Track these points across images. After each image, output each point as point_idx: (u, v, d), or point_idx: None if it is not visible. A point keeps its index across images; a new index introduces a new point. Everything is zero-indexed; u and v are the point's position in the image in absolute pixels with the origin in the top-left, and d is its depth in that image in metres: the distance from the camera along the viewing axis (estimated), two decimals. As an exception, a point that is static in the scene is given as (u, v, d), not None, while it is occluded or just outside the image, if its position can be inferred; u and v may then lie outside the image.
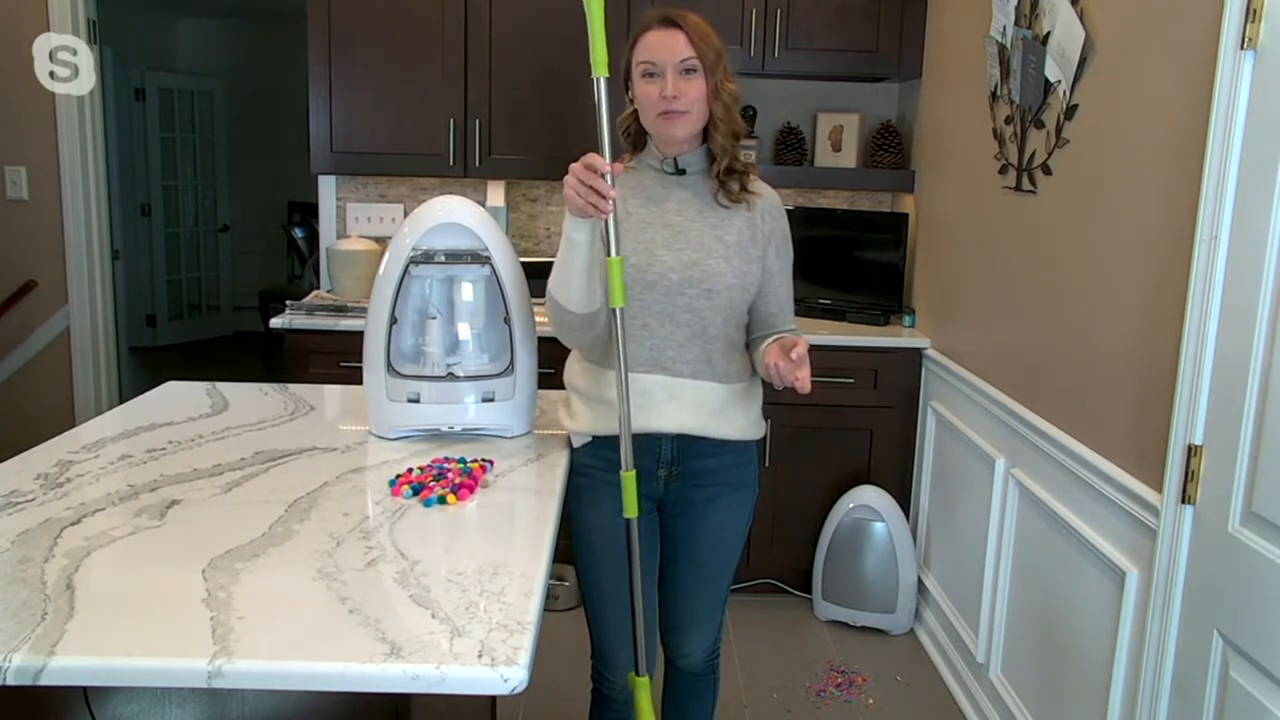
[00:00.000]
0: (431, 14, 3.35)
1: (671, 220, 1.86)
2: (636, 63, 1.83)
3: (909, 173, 3.56)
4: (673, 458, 1.89)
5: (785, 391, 1.81)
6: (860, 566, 3.23)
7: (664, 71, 1.79)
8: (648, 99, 1.81)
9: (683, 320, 1.83)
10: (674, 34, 1.79)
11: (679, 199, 1.88)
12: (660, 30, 1.81)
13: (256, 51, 7.54)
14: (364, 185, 3.77)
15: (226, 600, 1.22)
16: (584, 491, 1.92)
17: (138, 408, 2.12)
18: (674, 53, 1.79)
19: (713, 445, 1.89)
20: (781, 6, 3.38)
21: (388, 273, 1.90)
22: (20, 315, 3.84)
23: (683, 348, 1.84)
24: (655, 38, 1.81)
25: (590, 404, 1.89)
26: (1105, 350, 2.12)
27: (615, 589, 1.91)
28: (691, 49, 1.78)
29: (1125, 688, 2.00)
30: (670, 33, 1.80)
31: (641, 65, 1.82)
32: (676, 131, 1.81)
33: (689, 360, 1.84)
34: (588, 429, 1.90)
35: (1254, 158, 1.63)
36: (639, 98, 1.84)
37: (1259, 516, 1.60)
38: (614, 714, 2.07)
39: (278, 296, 5.07)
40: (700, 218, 1.86)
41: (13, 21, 3.64)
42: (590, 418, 1.89)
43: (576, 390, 1.93)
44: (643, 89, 1.82)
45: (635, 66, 1.83)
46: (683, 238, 1.84)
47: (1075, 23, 2.24)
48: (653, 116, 1.82)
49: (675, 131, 1.81)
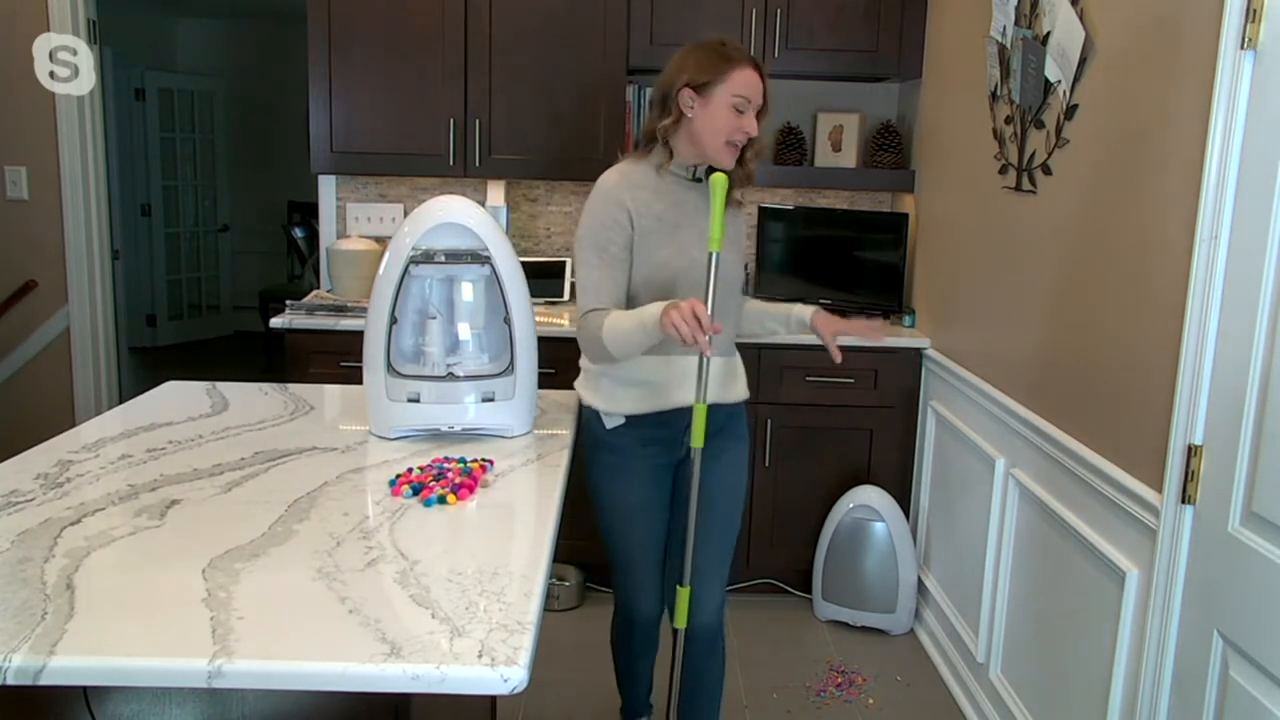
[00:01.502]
0: (431, 14, 3.35)
1: (696, 222, 2.07)
2: (731, 92, 2.00)
3: (909, 173, 3.56)
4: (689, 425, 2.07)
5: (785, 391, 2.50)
6: (860, 566, 3.23)
7: (749, 109, 2.02)
8: (726, 125, 2.01)
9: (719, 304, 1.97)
10: (758, 80, 2.03)
11: (695, 203, 2.09)
12: (754, 72, 2.03)
13: (256, 51, 7.54)
14: (364, 185, 3.77)
15: (226, 600, 1.22)
16: (616, 466, 2.14)
17: (138, 408, 2.12)
18: (758, 94, 2.03)
19: (724, 409, 2.15)
20: (781, 6, 3.38)
21: (388, 273, 1.90)
22: (20, 315, 3.84)
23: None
24: (752, 78, 2.02)
25: (629, 387, 2.08)
26: (1105, 350, 2.12)
27: (644, 547, 2.18)
28: (764, 97, 2.05)
29: (1125, 688, 2.00)
30: (758, 78, 2.03)
31: (736, 98, 2.00)
32: (729, 163, 2.05)
33: (716, 341, 1.98)
34: (626, 409, 2.09)
35: (1254, 158, 1.63)
36: (719, 117, 2.01)
37: (1259, 516, 1.60)
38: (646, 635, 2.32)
39: (278, 296, 5.07)
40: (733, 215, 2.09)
41: (13, 21, 3.64)
42: (630, 400, 2.09)
43: (610, 375, 2.09)
44: (725, 116, 2.01)
45: (725, 94, 2.00)
46: (706, 237, 1.98)
47: (1075, 23, 2.24)
48: (722, 141, 2.02)
49: (728, 163, 2.05)
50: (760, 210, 3.73)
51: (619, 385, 2.09)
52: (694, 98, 2.02)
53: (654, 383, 2.07)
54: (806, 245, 3.70)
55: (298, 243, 6.98)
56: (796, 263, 3.67)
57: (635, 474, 2.14)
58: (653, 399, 2.07)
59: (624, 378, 2.07)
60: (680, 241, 2.04)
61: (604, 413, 2.11)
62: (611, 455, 2.14)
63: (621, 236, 2.03)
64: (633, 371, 2.06)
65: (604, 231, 2.03)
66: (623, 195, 2.04)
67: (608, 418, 2.11)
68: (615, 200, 2.04)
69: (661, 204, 2.05)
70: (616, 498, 2.16)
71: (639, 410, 2.08)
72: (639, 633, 2.33)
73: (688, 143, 2.07)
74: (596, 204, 2.06)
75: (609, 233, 2.03)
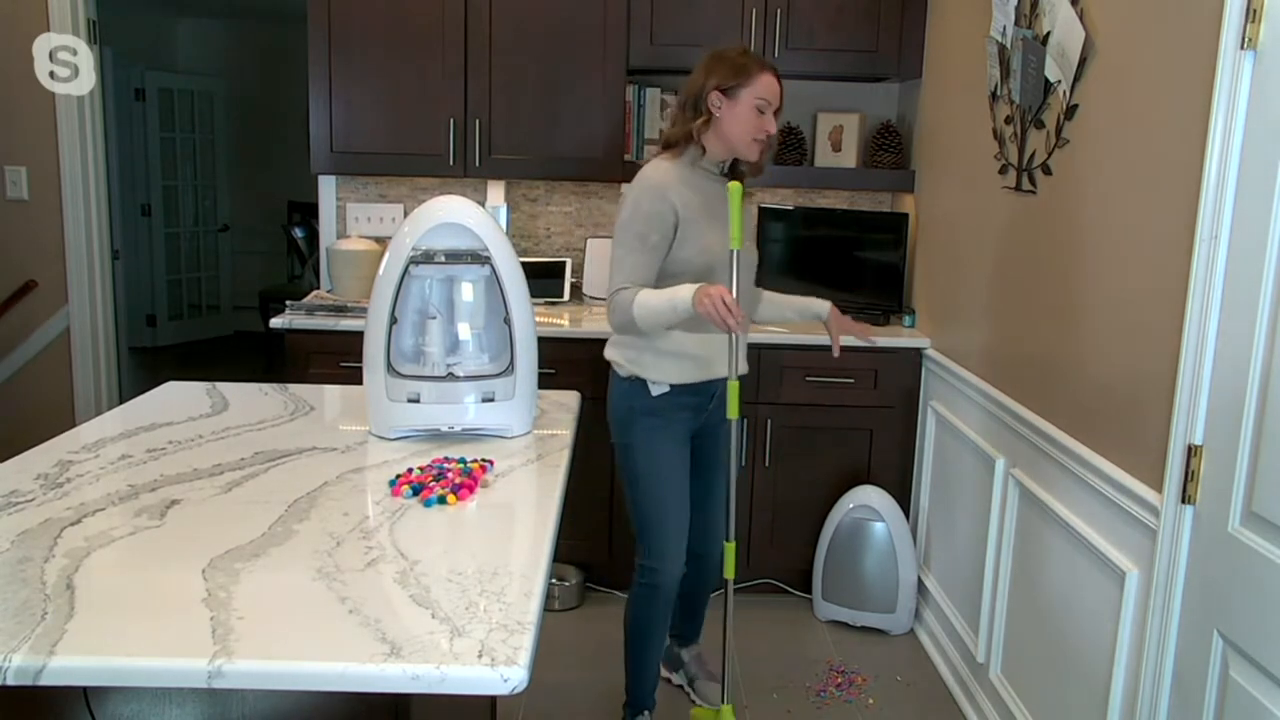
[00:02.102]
0: (431, 14, 3.35)
1: (723, 213, 2.30)
2: (755, 96, 2.29)
3: (909, 173, 3.56)
4: (718, 393, 2.44)
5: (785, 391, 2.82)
6: (860, 566, 3.23)
7: (769, 111, 2.30)
8: (751, 124, 2.30)
9: (741, 291, 2.26)
10: (777, 84, 2.32)
11: (721, 195, 2.32)
12: (774, 77, 2.32)
13: (256, 51, 7.54)
14: (364, 185, 3.77)
15: (226, 600, 1.22)
16: (657, 428, 2.40)
17: (138, 408, 2.12)
18: (777, 98, 2.32)
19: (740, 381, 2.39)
20: (781, 6, 3.38)
21: (388, 273, 1.90)
22: (20, 315, 3.84)
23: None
24: (772, 82, 2.31)
25: (678, 360, 2.36)
26: (1105, 350, 2.12)
27: (677, 503, 2.43)
28: (781, 100, 2.34)
29: (1125, 688, 2.00)
30: (776, 82, 2.32)
31: (760, 100, 2.29)
32: (756, 158, 2.36)
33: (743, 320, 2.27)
34: (673, 379, 2.37)
35: (1254, 158, 1.63)
36: (743, 120, 2.29)
37: (1259, 516, 1.60)
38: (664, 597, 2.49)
39: (278, 296, 5.07)
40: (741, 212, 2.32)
41: (13, 21, 3.64)
42: (677, 370, 2.37)
43: (657, 349, 2.36)
44: (750, 117, 2.29)
45: (752, 97, 2.28)
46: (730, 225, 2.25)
47: (1075, 23, 2.24)
48: (748, 139, 2.31)
49: (754, 157, 2.35)
50: (760, 210, 3.73)
51: (667, 358, 2.36)
52: (722, 99, 2.28)
53: (699, 357, 2.36)
54: (806, 245, 3.70)
55: (298, 243, 6.98)
56: (796, 263, 3.67)
57: (671, 436, 2.42)
58: (697, 370, 2.37)
59: (673, 351, 2.35)
60: (717, 231, 2.30)
61: (652, 381, 2.37)
62: (654, 418, 2.40)
63: (662, 228, 2.27)
64: (681, 346, 2.34)
65: (648, 221, 2.26)
66: (669, 191, 2.28)
67: (654, 385, 2.37)
68: (662, 195, 2.27)
69: (699, 197, 2.32)
70: (655, 456, 2.41)
71: (684, 380, 2.37)
72: (662, 597, 2.48)
73: (716, 140, 2.33)
74: (645, 196, 2.28)
75: (652, 223, 2.26)
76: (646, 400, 2.39)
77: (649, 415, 2.40)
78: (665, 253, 2.28)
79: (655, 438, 2.41)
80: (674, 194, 2.28)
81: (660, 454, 2.41)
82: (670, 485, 2.42)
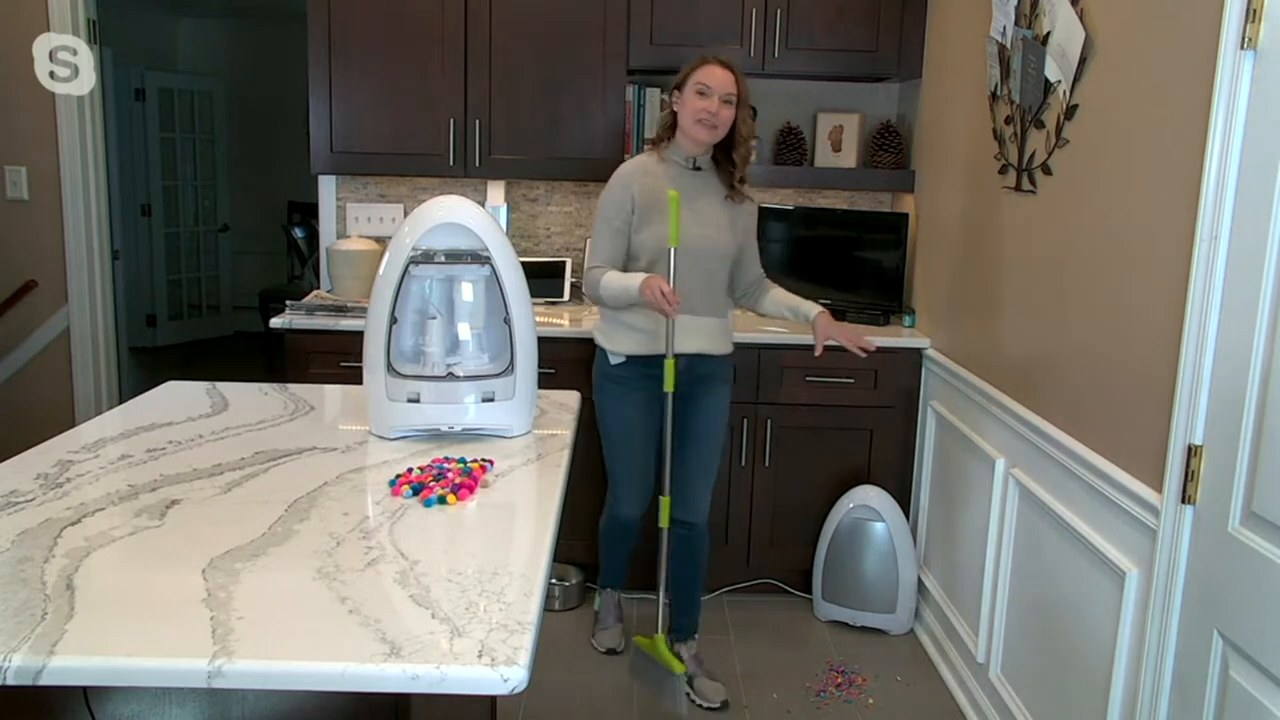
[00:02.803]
0: (431, 14, 3.35)
1: (694, 204, 2.61)
2: (694, 81, 2.56)
3: (909, 173, 3.56)
4: (686, 367, 2.70)
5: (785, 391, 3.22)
6: (860, 566, 3.23)
7: (713, 95, 2.54)
8: (694, 108, 2.55)
9: (701, 274, 2.63)
10: (726, 73, 2.56)
11: (695, 188, 2.64)
12: (717, 66, 2.56)
13: (256, 51, 7.54)
14: (364, 185, 3.77)
15: (226, 600, 1.22)
16: (616, 395, 2.73)
17: (138, 408, 2.12)
18: (723, 85, 2.54)
19: (712, 358, 2.74)
20: (781, 6, 3.38)
21: (388, 273, 1.90)
22: (20, 315, 3.84)
23: (701, 294, 2.65)
24: (712, 70, 2.56)
25: (631, 332, 2.67)
26: (1105, 350, 2.12)
27: (634, 455, 2.77)
28: (734, 88, 2.56)
29: (1125, 688, 2.00)
30: (724, 71, 2.56)
31: (698, 85, 2.55)
32: (705, 137, 2.58)
33: (704, 303, 2.66)
34: (628, 350, 2.68)
35: (1254, 158, 1.63)
36: (688, 105, 2.57)
37: (1259, 516, 1.60)
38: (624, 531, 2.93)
39: (278, 296, 5.07)
40: (711, 204, 2.66)
41: (13, 21, 3.64)
42: (631, 342, 2.67)
43: (618, 321, 2.68)
44: (693, 100, 2.56)
45: (692, 84, 2.56)
46: (699, 216, 2.62)
47: (1075, 23, 2.24)
48: (693, 121, 2.56)
49: (704, 137, 2.58)
50: (760, 210, 3.72)
51: (624, 330, 2.68)
52: (676, 95, 2.61)
53: (649, 331, 2.64)
54: (806, 245, 3.70)
55: (298, 243, 6.97)
56: (796, 263, 3.67)
57: (630, 403, 2.72)
58: (648, 343, 2.65)
59: (628, 324, 2.66)
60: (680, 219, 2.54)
61: (611, 352, 2.70)
62: (614, 385, 2.73)
63: (623, 214, 2.62)
64: (634, 320, 2.64)
65: (611, 208, 2.64)
66: (631, 181, 2.63)
67: (613, 355, 2.71)
68: (625, 185, 2.64)
69: (666, 187, 2.58)
70: (615, 419, 2.74)
71: (636, 351, 2.67)
72: (620, 527, 2.92)
73: (681, 133, 2.62)
74: (613, 185, 2.66)
75: (615, 209, 2.63)
76: (608, 368, 2.74)
77: (612, 382, 2.74)
78: (628, 234, 2.63)
79: (616, 402, 2.72)
80: (636, 184, 2.62)
81: (620, 417, 2.74)
82: (628, 444, 2.76)
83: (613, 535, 2.99)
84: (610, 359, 2.72)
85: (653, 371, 2.66)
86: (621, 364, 2.70)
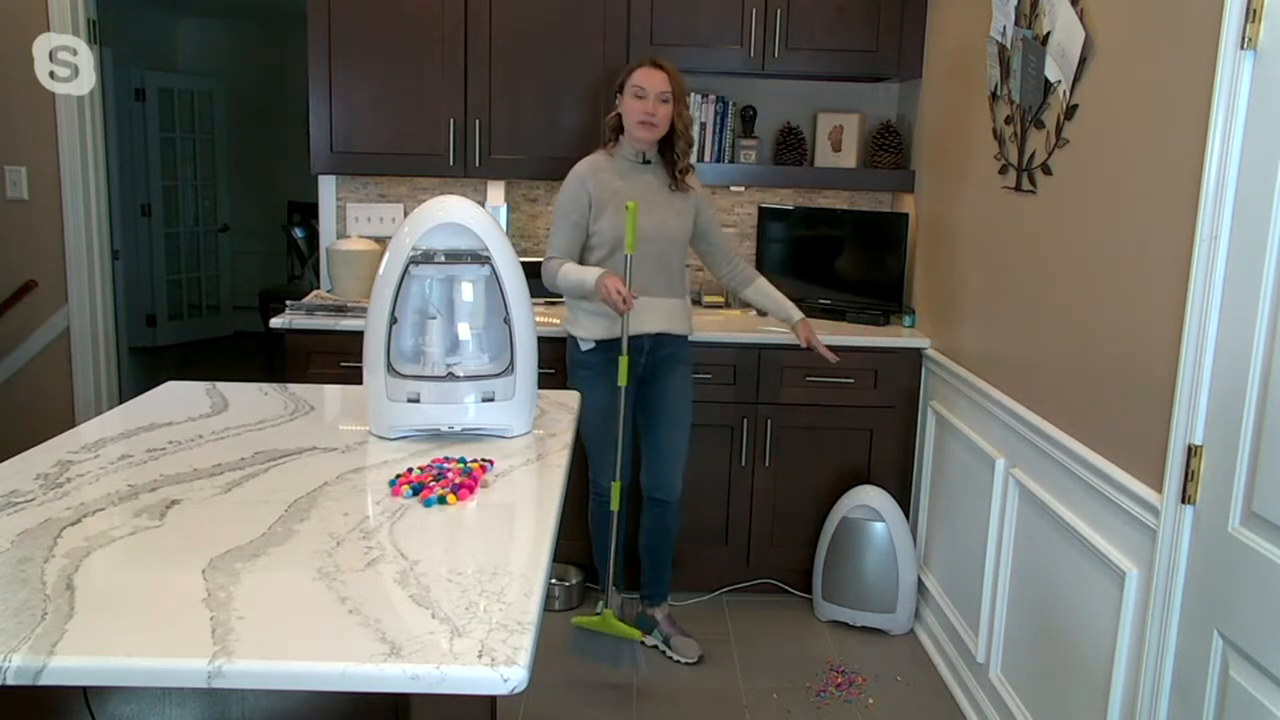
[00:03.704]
0: (431, 14, 3.35)
1: (643, 195, 2.80)
2: (631, 85, 2.75)
3: (909, 173, 3.56)
4: (650, 348, 2.90)
5: (785, 391, 3.31)
6: (860, 566, 3.23)
7: (649, 96, 2.74)
8: (634, 111, 2.76)
9: (655, 259, 2.82)
10: (659, 73, 2.75)
11: (645, 181, 2.84)
12: (651, 69, 2.76)
13: (256, 51, 7.54)
14: (364, 185, 3.77)
15: (226, 600, 1.22)
16: (589, 379, 2.87)
17: (138, 408, 2.12)
18: (657, 85, 2.74)
19: (673, 338, 2.93)
20: (781, 6, 3.38)
21: (388, 273, 1.90)
22: (20, 315, 3.84)
23: (655, 278, 2.85)
24: (647, 73, 2.75)
25: (597, 317, 2.84)
26: (1105, 350, 2.12)
27: (610, 435, 2.90)
28: (668, 86, 2.75)
29: (1125, 688, 2.00)
30: (657, 72, 2.76)
31: (634, 88, 2.75)
32: (646, 136, 2.78)
33: (660, 285, 2.86)
34: (596, 335, 2.85)
35: (1254, 158, 1.63)
36: (628, 108, 2.77)
37: (1259, 516, 1.60)
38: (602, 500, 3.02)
39: (278, 296, 5.07)
40: (660, 194, 2.85)
41: (13, 21, 3.64)
42: (598, 327, 2.85)
43: (583, 309, 2.86)
44: (631, 103, 2.76)
45: (629, 87, 2.76)
46: (651, 206, 2.80)
47: (1075, 23, 2.24)
48: (634, 123, 2.77)
49: (645, 136, 2.78)
50: (760, 210, 3.73)
51: (590, 316, 2.85)
52: (618, 97, 2.81)
53: (614, 316, 2.79)
54: (806, 245, 3.70)
55: (298, 243, 6.97)
56: (796, 263, 3.67)
57: (601, 386, 2.86)
58: (613, 326, 2.82)
59: (592, 311, 2.84)
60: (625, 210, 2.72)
61: (580, 338, 2.88)
62: (586, 370, 2.90)
63: (578, 209, 2.81)
64: (598, 307, 2.80)
65: (568, 203, 2.82)
66: (586, 178, 2.82)
67: (582, 341, 2.88)
68: (580, 182, 2.82)
69: (619, 181, 2.81)
70: (590, 401, 2.77)
71: (603, 336, 2.85)
72: (601, 505, 3.02)
73: (626, 135, 2.82)
74: (569, 183, 2.84)
75: (571, 204, 2.81)
76: (579, 354, 2.91)
77: (582, 367, 2.91)
78: (585, 227, 2.82)
79: (588, 386, 2.82)
80: (590, 180, 2.80)
81: (593, 400, 2.84)
82: (602, 425, 2.91)
83: (600, 516, 3.06)
84: (580, 345, 2.88)
85: (615, 355, 2.83)
86: (591, 349, 2.87)
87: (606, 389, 2.86)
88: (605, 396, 2.87)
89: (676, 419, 2.98)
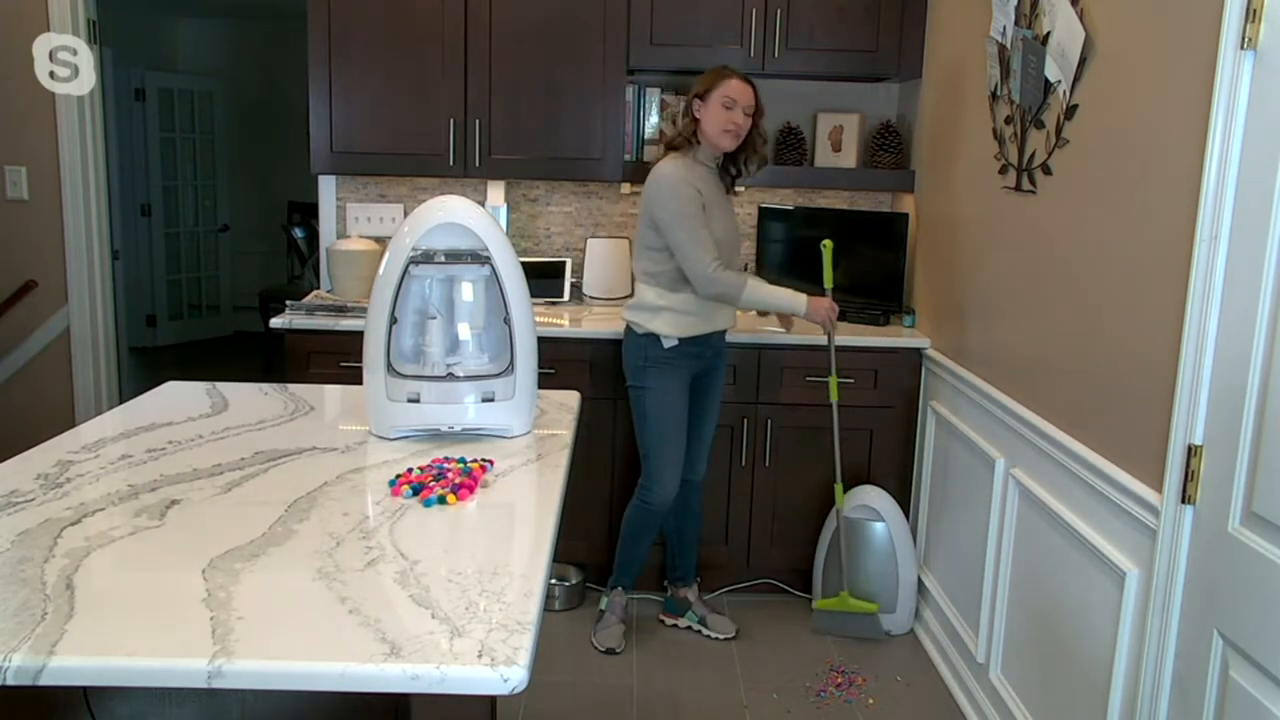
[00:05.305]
0: (431, 14, 3.35)
1: (715, 199, 2.91)
2: (721, 95, 2.83)
3: (909, 173, 3.56)
4: (717, 343, 3.06)
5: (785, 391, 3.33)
6: (860, 566, 3.23)
7: (737, 108, 2.83)
8: (721, 120, 2.83)
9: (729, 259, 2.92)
10: (749, 88, 2.87)
11: (716, 185, 2.96)
12: (743, 82, 2.86)
13: (256, 51, 7.54)
14: (364, 185, 3.77)
15: (226, 600, 1.22)
16: (665, 374, 2.94)
17: (138, 408, 2.12)
18: (746, 99, 2.85)
19: (722, 334, 3.07)
20: (781, 6, 3.38)
21: (388, 273, 1.90)
22: (20, 315, 3.84)
23: None
24: (739, 85, 2.85)
25: (684, 315, 2.92)
26: (1105, 350, 2.12)
27: (678, 436, 2.98)
28: (754, 100, 2.87)
29: (1125, 688, 2.00)
30: (748, 86, 2.86)
31: (725, 98, 2.83)
32: (730, 146, 2.88)
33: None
34: (681, 333, 2.92)
35: (1254, 158, 1.63)
36: (714, 115, 2.83)
37: (1259, 516, 1.60)
38: (657, 512, 3.05)
39: (278, 296, 5.07)
40: (724, 197, 2.98)
41: (13, 21, 3.64)
42: (684, 325, 2.92)
43: (672, 310, 2.90)
44: (720, 112, 2.83)
45: (719, 97, 2.83)
46: (722, 209, 2.95)
47: (1075, 23, 2.24)
48: (719, 130, 2.84)
49: (729, 145, 2.88)
50: (760, 210, 3.73)
51: (678, 315, 2.90)
52: (700, 104, 2.85)
53: (701, 314, 2.91)
54: (807, 245, 3.70)
55: (298, 243, 6.97)
56: (796, 263, 3.67)
57: (677, 381, 2.96)
58: (701, 324, 2.92)
59: (682, 309, 2.90)
60: (716, 213, 2.88)
61: (664, 336, 2.91)
62: (662, 367, 2.94)
63: (699, 205, 2.83)
64: (687, 305, 2.89)
65: (691, 205, 2.81)
66: (688, 179, 2.84)
67: (666, 339, 2.92)
68: (689, 182, 2.84)
69: (705, 187, 2.87)
70: (665, 398, 2.94)
71: (690, 333, 2.92)
72: (655, 511, 3.04)
73: (705, 140, 2.87)
74: (678, 188, 2.82)
75: (694, 205, 2.82)
76: (659, 351, 2.93)
77: (661, 365, 2.94)
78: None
79: (663, 383, 2.93)
80: (696, 182, 2.84)
81: (666, 397, 2.94)
82: (671, 422, 2.96)
83: (643, 524, 3.08)
84: (664, 342, 2.92)
85: (693, 350, 2.95)
86: (674, 346, 2.92)
87: (680, 387, 2.95)
88: (679, 394, 2.96)
89: (717, 409, 3.14)
